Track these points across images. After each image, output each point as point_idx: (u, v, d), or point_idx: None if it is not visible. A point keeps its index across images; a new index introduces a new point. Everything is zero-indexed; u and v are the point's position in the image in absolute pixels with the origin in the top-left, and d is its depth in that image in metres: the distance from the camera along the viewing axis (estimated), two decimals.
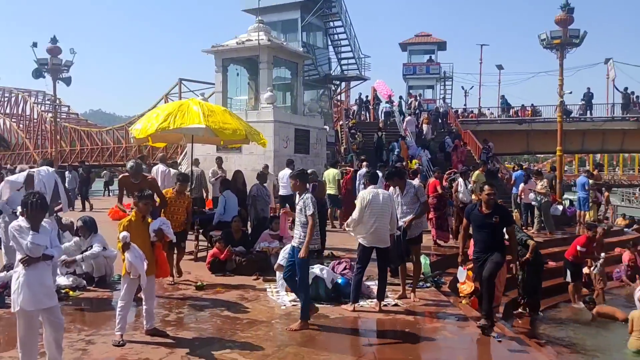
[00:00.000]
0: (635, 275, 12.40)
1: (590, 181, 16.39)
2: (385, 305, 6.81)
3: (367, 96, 30.42)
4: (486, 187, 6.34)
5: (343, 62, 26.54)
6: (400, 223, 7.21)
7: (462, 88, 39.67)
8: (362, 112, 29.93)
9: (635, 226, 18.39)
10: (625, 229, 17.28)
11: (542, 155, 63.01)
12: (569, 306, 10.44)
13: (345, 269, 7.42)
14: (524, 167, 18.00)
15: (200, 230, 9.73)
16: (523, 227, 14.27)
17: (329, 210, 13.41)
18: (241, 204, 10.23)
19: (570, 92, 19.31)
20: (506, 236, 6.55)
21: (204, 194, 12.97)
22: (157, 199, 7.22)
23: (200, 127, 8.44)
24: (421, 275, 8.08)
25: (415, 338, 5.81)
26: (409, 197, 7.18)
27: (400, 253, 7.09)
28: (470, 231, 6.61)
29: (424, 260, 8.54)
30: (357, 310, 6.58)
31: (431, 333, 6.01)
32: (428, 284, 8.18)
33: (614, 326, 9.01)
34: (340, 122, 26.30)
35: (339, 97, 31.65)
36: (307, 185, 6.22)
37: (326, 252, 10.02)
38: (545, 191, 13.84)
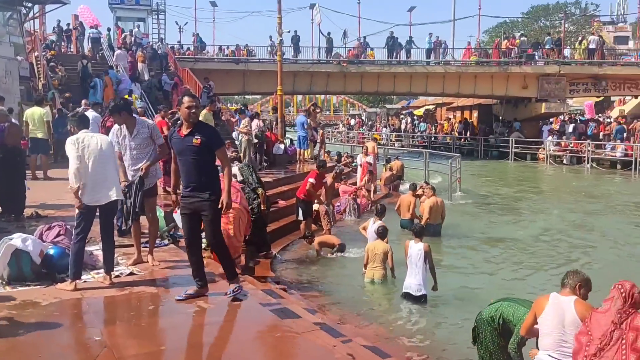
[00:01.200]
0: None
1: (309, 120, 17.06)
2: (117, 276, 5.45)
3: (68, 24, 26.26)
4: (185, 98, 4.99)
5: None
6: (130, 172, 5.81)
7: (176, 23, 37.62)
8: (63, 43, 25.83)
9: (343, 160, 20.11)
10: (337, 165, 18.62)
11: (250, 97, 65.34)
12: (302, 243, 10.54)
13: (59, 235, 5.74)
14: (248, 107, 17.72)
15: None
16: None
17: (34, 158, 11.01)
18: None
19: (289, 31, 19.61)
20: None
21: None
22: None
23: None
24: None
25: (161, 318, 4.70)
26: (141, 138, 5.74)
27: (134, 208, 5.69)
28: None
29: (159, 214, 7.32)
30: (80, 288, 5.09)
31: (179, 306, 4.91)
32: (166, 241, 7.05)
33: (349, 260, 9.33)
34: (36, 54, 22.07)
35: (32, 24, 26.59)
36: None
37: (28, 212, 7.94)
38: (246, 130, 13.53)
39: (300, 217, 10.61)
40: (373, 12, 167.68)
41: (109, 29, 26.88)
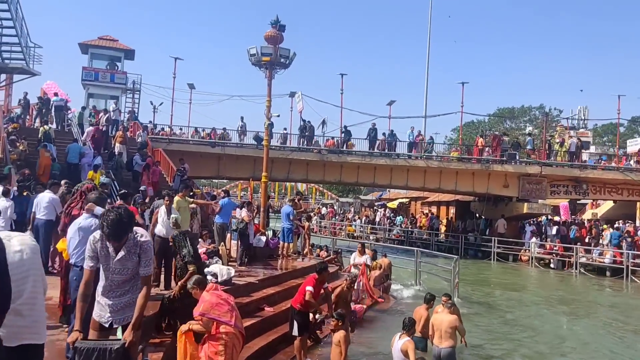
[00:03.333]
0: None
1: (295, 211, 15.52)
2: None
3: (39, 98, 24.80)
4: None
5: (4, 47, 20.77)
6: (105, 300, 3.99)
7: (151, 103, 36.52)
8: (29, 117, 24.22)
9: (322, 254, 18.37)
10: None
11: (217, 181, 63.74)
12: None
13: None
14: (230, 193, 16.15)
15: None
16: (232, 262, 12.34)
17: None
18: None
19: (278, 116, 18.54)
20: None
21: None
22: None
23: None
24: None
25: None
26: (130, 260, 3.97)
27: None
28: None
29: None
30: None
31: None
32: None
33: None
34: None
35: None
36: None
37: None
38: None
39: (295, 332, 8.73)
40: (354, 103, 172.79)
41: (83, 108, 25.55)
